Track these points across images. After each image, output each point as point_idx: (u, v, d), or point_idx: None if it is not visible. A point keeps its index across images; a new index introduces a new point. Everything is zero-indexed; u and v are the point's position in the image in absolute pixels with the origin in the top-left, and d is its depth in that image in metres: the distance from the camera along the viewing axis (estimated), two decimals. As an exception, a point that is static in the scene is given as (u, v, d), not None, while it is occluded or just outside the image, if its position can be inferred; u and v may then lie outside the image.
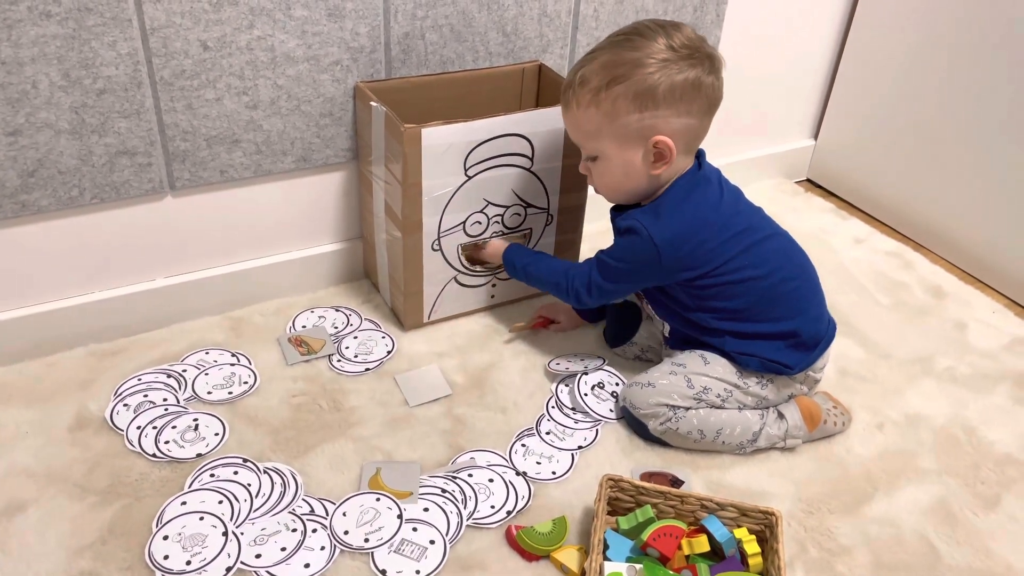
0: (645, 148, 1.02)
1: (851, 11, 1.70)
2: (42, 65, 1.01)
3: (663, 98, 0.99)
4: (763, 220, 1.13)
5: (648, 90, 0.99)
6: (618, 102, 1.00)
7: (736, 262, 1.06)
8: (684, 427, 1.08)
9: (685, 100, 1.00)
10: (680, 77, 0.99)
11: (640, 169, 1.05)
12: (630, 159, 1.04)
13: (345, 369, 1.20)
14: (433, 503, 1.00)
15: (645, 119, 1.00)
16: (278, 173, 1.25)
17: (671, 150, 1.02)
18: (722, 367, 1.09)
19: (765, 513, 0.94)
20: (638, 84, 0.99)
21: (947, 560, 0.99)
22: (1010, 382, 1.28)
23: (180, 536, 0.93)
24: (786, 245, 1.13)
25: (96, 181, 1.12)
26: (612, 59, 1.00)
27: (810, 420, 1.10)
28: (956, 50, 1.51)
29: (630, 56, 0.99)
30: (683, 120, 1.02)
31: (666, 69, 0.98)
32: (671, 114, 1.00)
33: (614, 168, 1.06)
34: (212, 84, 1.12)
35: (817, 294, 1.14)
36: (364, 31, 1.19)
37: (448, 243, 1.23)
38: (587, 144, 1.07)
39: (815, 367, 1.13)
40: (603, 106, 1.01)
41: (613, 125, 1.02)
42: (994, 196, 1.50)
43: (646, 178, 1.06)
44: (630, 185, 1.07)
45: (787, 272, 1.10)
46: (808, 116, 1.83)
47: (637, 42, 1.00)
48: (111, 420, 1.08)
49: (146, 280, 1.23)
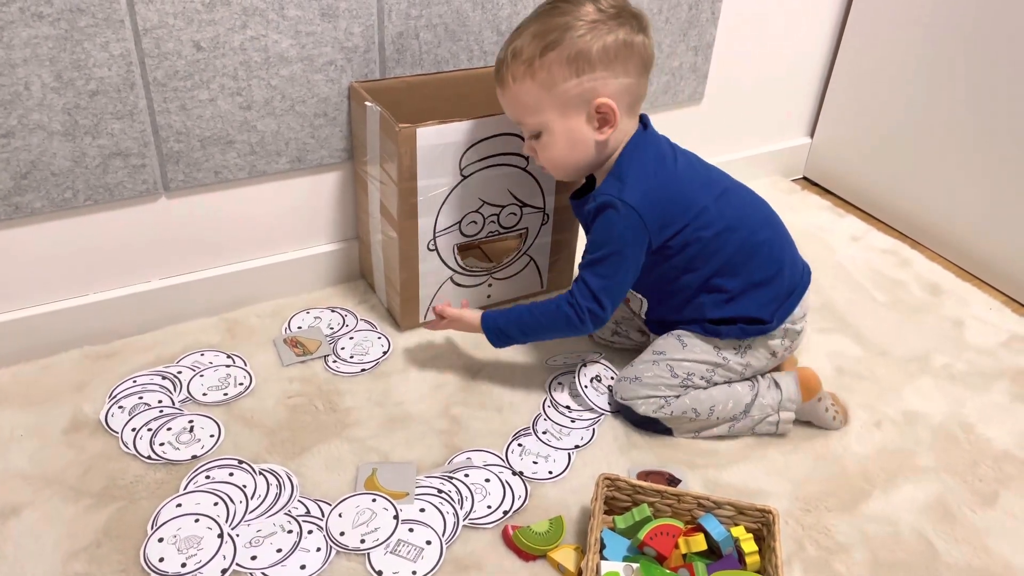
0: (588, 113, 1.01)
1: (846, 9, 1.70)
2: (34, 66, 1.01)
3: (598, 59, 0.98)
4: (720, 175, 1.12)
5: (582, 53, 0.98)
6: (553, 69, 0.99)
7: (707, 215, 1.05)
8: (678, 409, 1.08)
9: (620, 60, 0.99)
10: (611, 37, 0.98)
11: (586, 136, 1.03)
12: (574, 127, 1.02)
13: (341, 370, 1.20)
14: (429, 503, 0.99)
15: (584, 83, 0.99)
16: (273, 174, 1.24)
17: (614, 112, 1.01)
18: (700, 347, 1.10)
19: (762, 511, 0.94)
20: (570, 48, 0.97)
21: (945, 558, 0.99)
22: (1007, 379, 1.28)
23: (175, 538, 0.93)
24: (748, 196, 1.12)
25: (90, 183, 1.11)
26: (541, 28, 0.99)
27: (807, 390, 1.10)
28: (951, 47, 1.51)
29: (559, 21, 0.98)
30: (621, 80, 1.00)
31: (596, 30, 0.98)
32: (608, 75, 0.99)
33: (559, 139, 1.04)
34: (206, 85, 1.12)
35: (787, 241, 1.14)
36: (358, 31, 1.19)
37: (444, 243, 1.23)
38: (528, 120, 1.04)
39: (792, 318, 1.11)
40: (539, 76, 0.99)
41: (552, 94, 1.00)
42: (990, 193, 1.50)
43: (593, 145, 1.04)
44: (577, 155, 1.05)
45: (756, 221, 1.10)
46: (804, 114, 1.83)
47: (564, 7, 0.99)
48: (106, 422, 1.08)
49: (141, 282, 1.23)
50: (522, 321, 1.12)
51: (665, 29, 1.48)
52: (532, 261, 1.35)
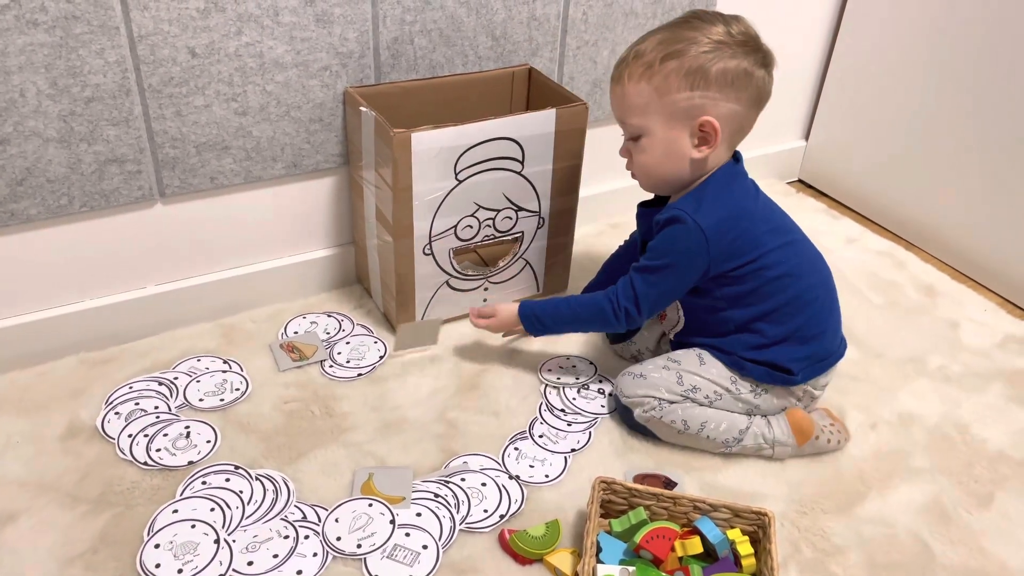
0: (691, 128, 1.02)
1: (840, 12, 1.70)
2: (29, 73, 1.01)
3: (715, 79, 0.99)
4: (792, 225, 1.12)
5: (701, 68, 0.99)
6: (670, 77, 1.00)
7: (774, 256, 1.05)
8: (668, 416, 1.07)
9: (736, 86, 1.00)
10: (733, 62, 0.99)
11: (683, 150, 1.03)
12: (675, 138, 1.03)
13: (337, 375, 1.20)
14: (426, 508, 1.00)
15: (695, 98, 1.00)
16: (268, 179, 1.25)
17: (716, 133, 1.01)
18: (717, 370, 1.09)
19: (758, 514, 0.94)
20: (692, 61, 0.99)
21: (941, 559, 0.99)
22: (1002, 380, 1.28)
23: (172, 544, 0.93)
24: (812, 253, 1.12)
25: (85, 189, 1.11)
26: (669, 36, 1.01)
27: (800, 434, 1.09)
28: (945, 50, 1.51)
29: (687, 34, 1.00)
30: (731, 106, 1.01)
31: (720, 52, 0.99)
32: (721, 97, 1.00)
33: (656, 146, 1.04)
34: (201, 91, 1.12)
35: (836, 309, 1.13)
36: (353, 36, 1.19)
37: (439, 247, 1.23)
38: (633, 120, 1.05)
39: (816, 383, 1.12)
40: (655, 80, 1.01)
41: (662, 100, 1.01)
42: (985, 194, 1.50)
43: (687, 161, 1.04)
44: (670, 166, 1.06)
45: (816, 279, 1.10)
46: (799, 117, 1.84)
47: (696, 23, 1.01)
48: (102, 429, 1.08)
49: (137, 288, 1.23)
50: (558, 311, 1.15)
51: (659, 33, 1.48)
52: (528, 265, 1.35)
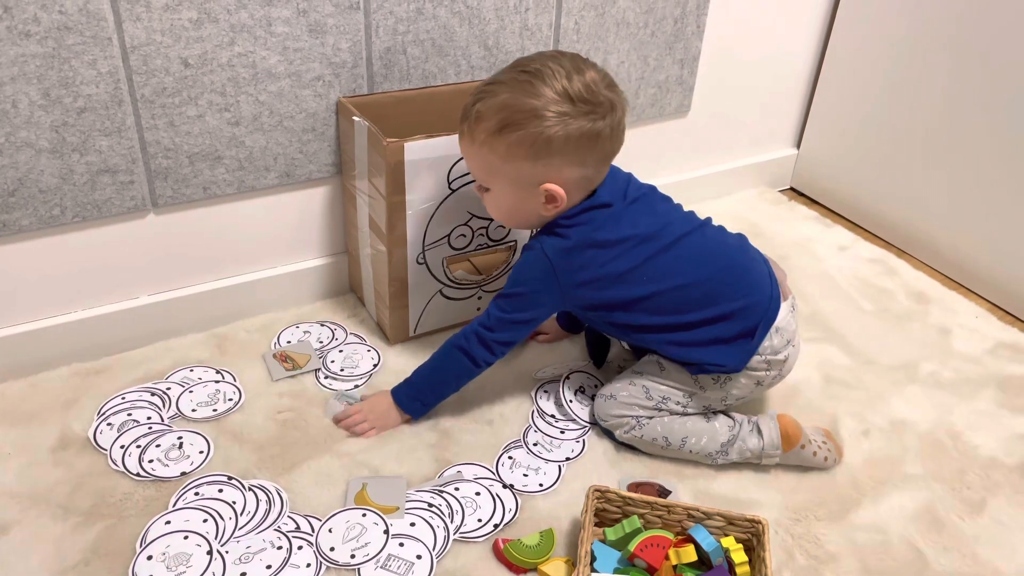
0: (536, 191, 1.02)
1: (830, 20, 1.72)
2: (22, 84, 1.01)
3: (558, 149, 0.98)
4: (671, 225, 1.07)
5: (543, 142, 0.97)
6: (511, 148, 0.98)
7: (636, 275, 1.04)
8: (648, 434, 1.08)
9: (580, 151, 0.99)
10: (576, 128, 0.97)
11: (531, 208, 1.04)
12: (522, 198, 1.03)
13: (331, 384, 1.20)
14: (420, 518, 0.99)
15: (538, 167, 0.99)
16: (261, 189, 1.25)
17: (561, 197, 1.01)
18: (677, 372, 1.09)
19: (752, 521, 0.94)
20: (533, 136, 0.97)
21: (934, 566, 0.99)
22: (994, 386, 1.29)
23: (164, 556, 0.93)
24: (697, 243, 1.07)
25: (78, 200, 1.11)
26: (510, 101, 0.97)
27: (786, 440, 1.08)
28: (936, 58, 1.52)
29: (528, 103, 0.96)
30: (576, 170, 1.00)
31: (562, 122, 0.96)
32: (564, 163, 0.99)
33: (505, 202, 1.05)
34: (194, 101, 1.12)
35: (740, 283, 1.07)
36: (346, 46, 1.20)
37: (433, 256, 1.23)
38: (480, 176, 1.06)
39: (773, 349, 1.07)
40: (497, 149, 0.99)
41: (506, 168, 1.01)
42: (976, 202, 1.51)
43: (537, 216, 1.06)
44: (520, 219, 1.08)
45: (696, 275, 1.06)
46: (790, 125, 1.85)
47: (537, 86, 0.96)
48: (94, 440, 1.08)
49: (129, 298, 1.23)
50: (420, 374, 1.13)
51: (651, 42, 1.49)
52: (521, 274, 1.35)
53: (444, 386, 1.13)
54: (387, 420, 1.13)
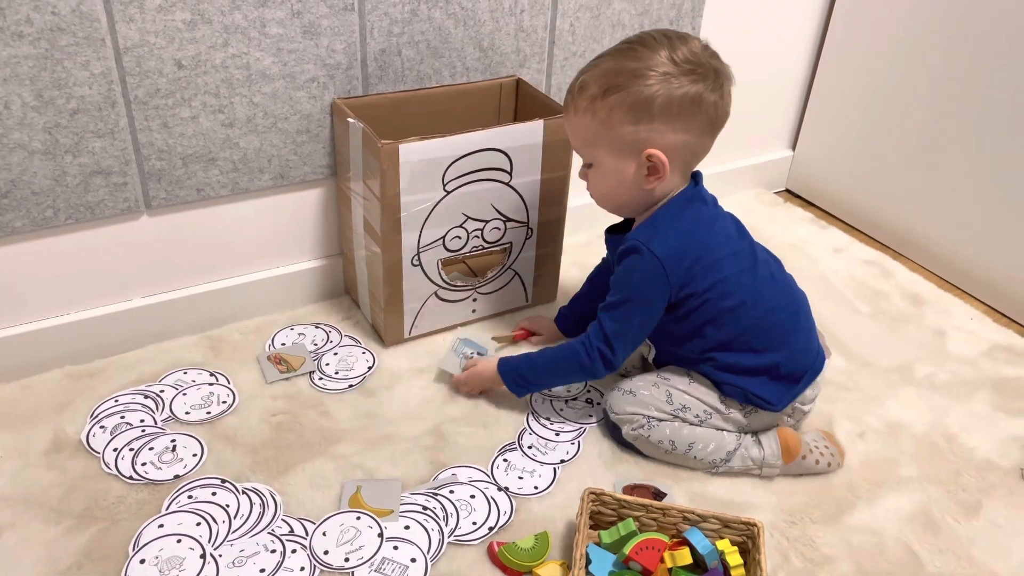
0: (639, 160, 1.01)
1: (826, 22, 1.72)
2: (14, 85, 1.00)
3: (659, 112, 0.98)
4: (755, 248, 1.10)
5: (644, 102, 0.97)
6: (614, 112, 0.99)
7: (727, 285, 1.04)
8: (656, 436, 1.07)
9: (683, 116, 0.99)
10: (679, 92, 0.97)
11: (632, 181, 1.03)
12: (623, 169, 1.02)
13: (326, 386, 1.19)
14: (414, 520, 0.99)
15: (640, 132, 0.99)
16: (255, 191, 1.24)
17: (664, 165, 1.00)
18: (706, 389, 1.09)
19: (747, 524, 0.94)
20: (635, 95, 0.97)
21: (929, 568, 0.99)
22: (989, 388, 1.29)
23: (157, 559, 0.92)
24: (776, 274, 1.11)
25: (71, 201, 1.11)
26: (613, 67, 0.99)
27: (786, 453, 1.08)
28: (932, 60, 1.52)
29: (631, 66, 0.98)
30: (679, 136, 1.00)
31: (666, 83, 0.97)
32: (667, 129, 0.99)
33: (608, 177, 1.04)
34: (187, 102, 1.12)
35: (803, 325, 1.11)
36: (340, 48, 1.19)
37: (428, 258, 1.23)
38: (583, 150, 1.06)
39: (802, 399, 1.11)
40: (599, 114, 1.00)
41: (608, 134, 1.00)
42: (972, 204, 1.51)
43: (639, 191, 1.04)
44: (623, 196, 1.06)
45: (775, 302, 1.08)
46: (785, 127, 1.85)
47: (640, 52, 0.98)
48: (87, 443, 1.07)
49: (123, 300, 1.22)
50: (536, 363, 1.13)
51: (647, 44, 1.49)
52: (517, 275, 1.35)
53: (553, 383, 1.18)
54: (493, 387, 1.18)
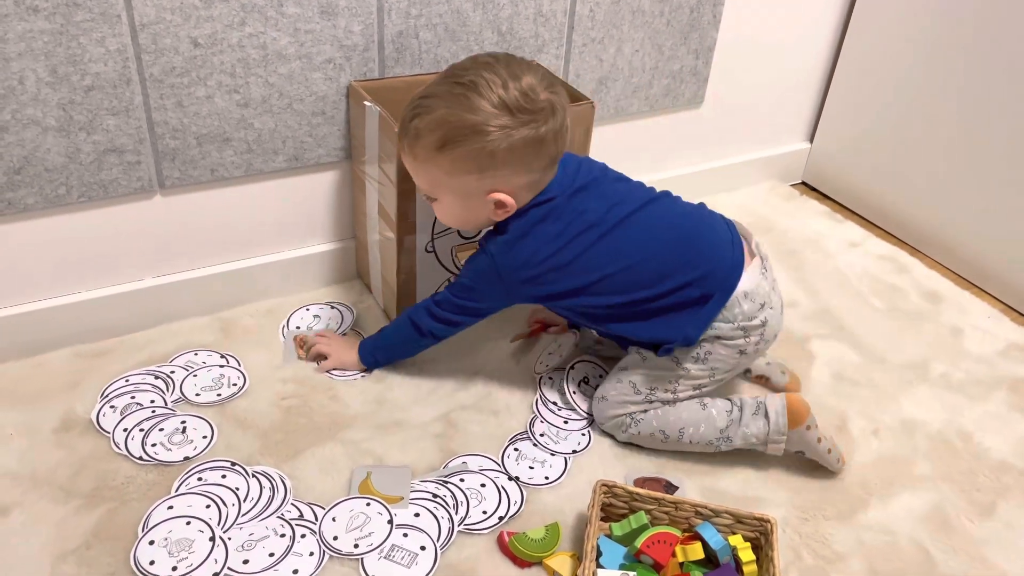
0: (484, 200, 1.01)
1: (848, 14, 1.69)
2: (29, 61, 0.99)
3: (503, 161, 0.97)
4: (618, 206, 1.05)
5: (487, 156, 0.96)
6: (456, 163, 0.97)
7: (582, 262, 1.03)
8: (645, 429, 1.07)
9: (527, 158, 0.98)
10: (519, 138, 0.96)
11: (480, 215, 1.04)
12: (470, 207, 1.03)
13: (336, 372, 1.19)
14: (424, 508, 0.98)
15: (485, 179, 0.98)
16: (269, 172, 1.23)
17: (511, 204, 1.01)
18: (658, 360, 1.08)
19: (760, 520, 0.93)
20: (476, 150, 0.95)
21: (942, 568, 0.98)
22: (1005, 388, 1.27)
23: (166, 541, 0.92)
24: (643, 221, 1.05)
25: (84, 179, 1.10)
26: (448, 118, 0.95)
27: (793, 417, 1.05)
28: (953, 55, 1.50)
29: (468, 119, 0.94)
30: (523, 177, 1.00)
31: (505, 134, 0.95)
32: (510, 173, 0.98)
33: (454, 211, 1.05)
34: (203, 81, 1.11)
35: (692, 254, 1.05)
36: (357, 29, 1.18)
37: (442, 245, 1.22)
38: (426, 190, 1.04)
39: (743, 316, 1.04)
40: (442, 165, 0.98)
41: (452, 181, 0.99)
42: (990, 201, 1.49)
43: (488, 221, 1.05)
44: (472, 225, 1.08)
45: (642, 253, 1.04)
46: (803, 119, 1.83)
47: (473, 101, 0.94)
48: (97, 422, 1.07)
49: (134, 280, 1.22)
50: (383, 335, 1.19)
51: (666, 31, 1.47)
52: (530, 264, 1.34)
53: (393, 351, 1.19)
54: (345, 357, 1.19)
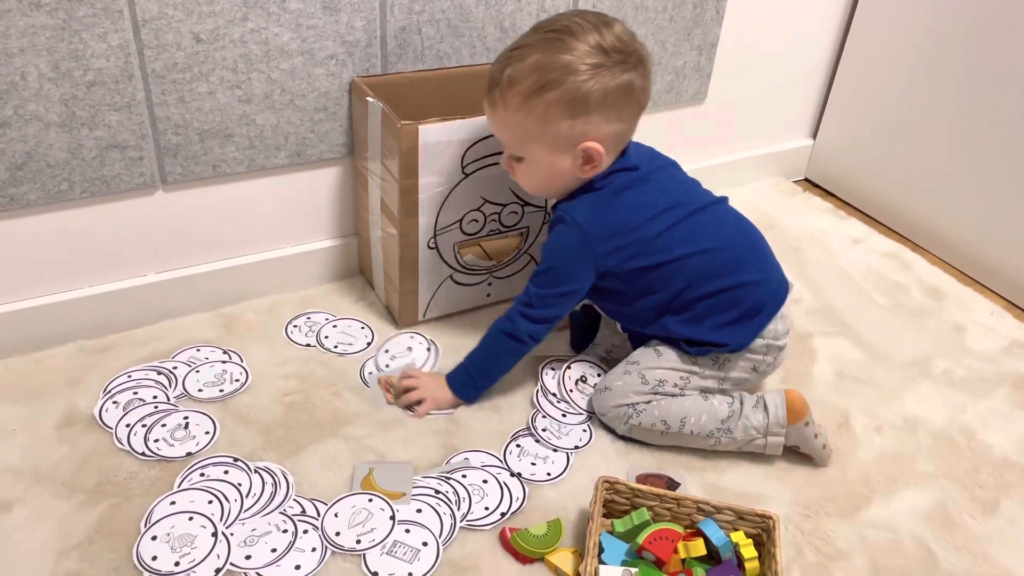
0: (574, 153, 1.01)
1: (851, 11, 1.69)
2: (31, 56, 0.99)
3: (596, 105, 0.97)
4: (694, 195, 1.10)
5: (581, 97, 0.96)
6: (550, 109, 0.97)
7: (665, 239, 1.04)
8: (646, 420, 1.07)
9: (617, 106, 0.98)
10: (613, 83, 0.96)
11: (567, 172, 1.03)
12: (557, 162, 1.02)
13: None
14: (426, 504, 0.98)
15: (577, 126, 0.98)
16: (271, 168, 1.23)
17: (600, 155, 1.00)
18: (676, 356, 1.09)
19: (762, 516, 0.93)
20: (571, 92, 0.95)
21: (945, 565, 0.98)
22: (1008, 385, 1.27)
23: (169, 536, 0.92)
24: (719, 213, 1.10)
25: (86, 175, 1.10)
26: (544, 61, 0.96)
27: (792, 413, 1.05)
28: (956, 51, 1.50)
29: (562, 60, 0.95)
30: (614, 126, 1.00)
31: (599, 75, 0.95)
32: (602, 120, 0.98)
33: (541, 170, 1.04)
34: (205, 77, 1.11)
35: (756, 259, 1.09)
36: (360, 25, 1.18)
37: (444, 241, 1.22)
38: (514, 145, 1.04)
39: (775, 334, 1.08)
40: (535, 112, 0.98)
41: (544, 131, 0.99)
42: (993, 197, 1.49)
43: (573, 180, 1.05)
44: (555, 185, 1.07)
45: (721, 240, 1.07)
46: (807, 115, 1.82)
47: (569, 42, 0.95)
48: (100, 418, 1.07)
49: (137, 276, 1.22)
50: (476, 362, 1.12)
51: (669, 28, 1.47)
52: (533, 260, 1.33)
53: (494, 368, 1.13)
54: (438, 395, 1.12)
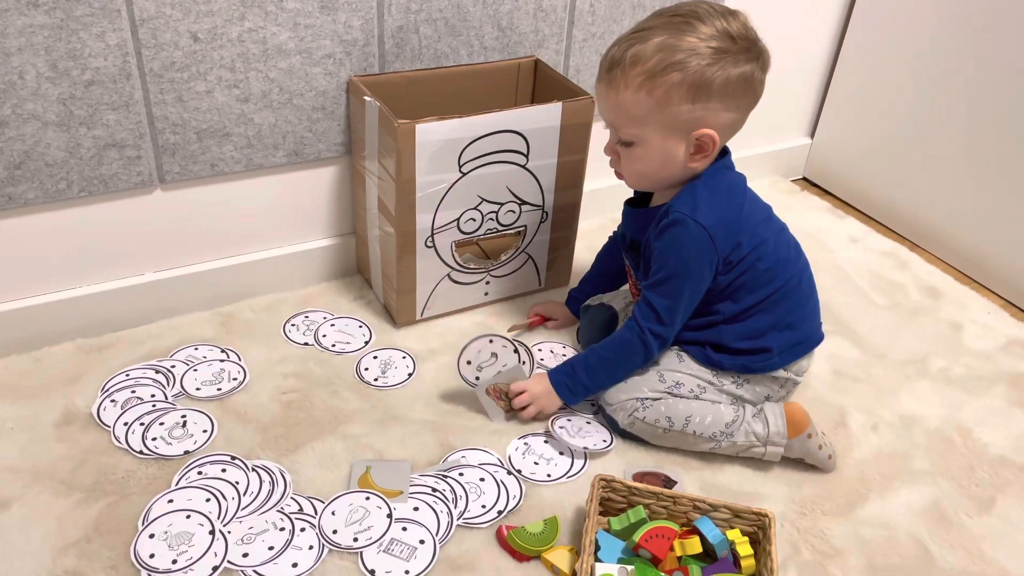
0: (688, 140, 0.99)
1: (849, 9, 1.69)
2: (29, 55, 1.00)
3: (717, 92, 0.95)
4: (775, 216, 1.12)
5: (704, 82, 0.94)
6: (672, 90, 0.95)
7: (766, 247, 1.05)
8: (651, 415, 1.05)
9: (736, 95, 0.97)
10: (736, 71, 0.95)
11: (679, 159, 1.01)
12: (670, 148, 1.00)
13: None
14: (423, 502, 0.99)
15: (696, 111, 0.96)
16: (269, 167, 1.23)
17: (714, 143, 0.99)
18: (697, 365, 1.09)
19: (758, 514, 0.93)
20: (695, 75, 0.94)
21: (941, 563, 0.98)
22: (1005, 383, 1.27)
23: (166, 534, 0.92)
24: (795, 241, 1.13)
25: (84, 174, 1.10)
26: (669, 42, 0.94)
27: (792, 427, 1.06)
28: (953, 50, 1.50)
29: (688, 42, 0.93)
30: (731, 115, 0.99)
31: (723, 60, 0.94)
32: (721, 108, 0.97)
33: (652, 156, 1.01)
34: (203, 76, 1.11)
35: (815, 296, 1.14)
36: (357, 24, 1.18)
37: (442, 240, 1.22)
38: (626, 128, 1.00)
39: (799, 369, 1.11)
40: (656, 92, 0.95)
41: (662, 113, 0.97)
42: (990, 196, 1.49)
43: (682, 169, 1.02)
44: (664, 174, 1.03)
45: (798, 267, 1.10)
46: (805, 114, 1.82)
47: (696, 25, 0.94)
48: (98, 416, 1.07)
49: (135, 275, 1.22)
50: (587, 361, 1.09)
51: (667, 27, 1.47)
52: (530, 259, 1.34)
53: (607, 379, 1.09)
54: (546, 403, 1.10)
